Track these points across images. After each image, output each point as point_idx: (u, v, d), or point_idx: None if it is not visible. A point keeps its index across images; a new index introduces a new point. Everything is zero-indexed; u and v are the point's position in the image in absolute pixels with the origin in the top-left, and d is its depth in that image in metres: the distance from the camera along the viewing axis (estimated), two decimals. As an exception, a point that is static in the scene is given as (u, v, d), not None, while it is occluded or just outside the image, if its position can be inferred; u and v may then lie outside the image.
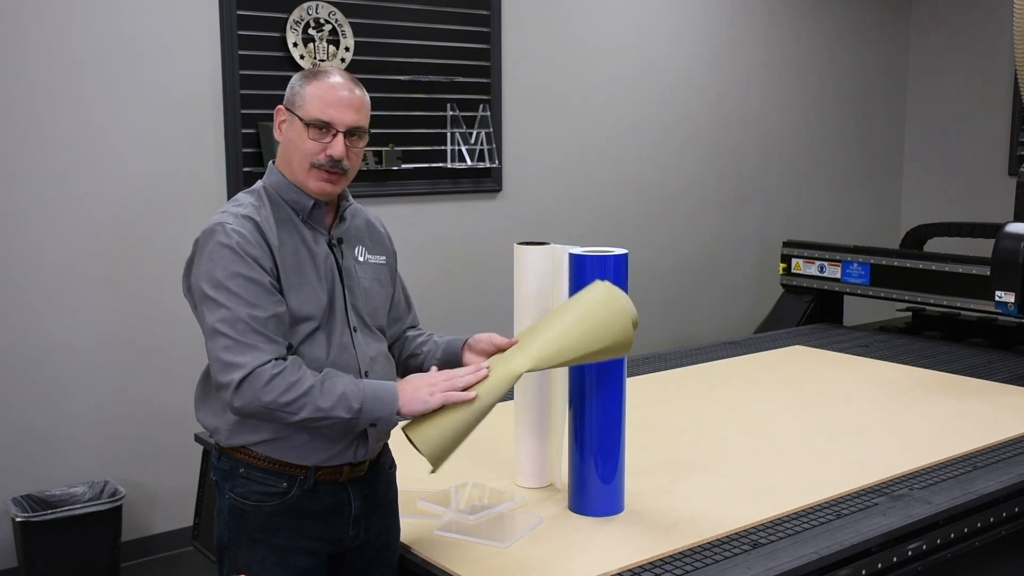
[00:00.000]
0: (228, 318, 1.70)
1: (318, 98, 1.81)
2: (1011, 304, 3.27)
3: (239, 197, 1.86)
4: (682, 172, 5.38)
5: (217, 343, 1.70)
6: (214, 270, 1.72)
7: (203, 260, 1.74)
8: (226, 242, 1.72)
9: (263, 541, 1.81)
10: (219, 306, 1.71)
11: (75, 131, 3.52)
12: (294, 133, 1.84)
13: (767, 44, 5.69)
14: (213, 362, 1.72)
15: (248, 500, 1.81)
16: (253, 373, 1.68)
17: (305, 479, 1.81)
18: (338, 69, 1.90)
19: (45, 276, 3.51)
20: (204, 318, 1.73)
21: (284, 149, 1.86)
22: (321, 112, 1.81)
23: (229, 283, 1.71)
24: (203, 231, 1.78)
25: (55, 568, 3.37)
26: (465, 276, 4.55)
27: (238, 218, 1.76)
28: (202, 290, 1.73)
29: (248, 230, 1.75)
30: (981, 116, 6.15)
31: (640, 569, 1.88)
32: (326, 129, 1.81)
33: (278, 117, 1.87)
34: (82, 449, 3.63)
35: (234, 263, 1.72)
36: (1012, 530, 2.40)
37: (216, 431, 1.84)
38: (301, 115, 1.82)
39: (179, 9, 3.68)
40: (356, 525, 1.88)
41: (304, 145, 1.82)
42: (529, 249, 2.26)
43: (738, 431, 2.76)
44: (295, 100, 1.84)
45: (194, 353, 3.76)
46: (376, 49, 4.15)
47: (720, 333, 5.45)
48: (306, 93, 1.82)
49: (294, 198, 1.85)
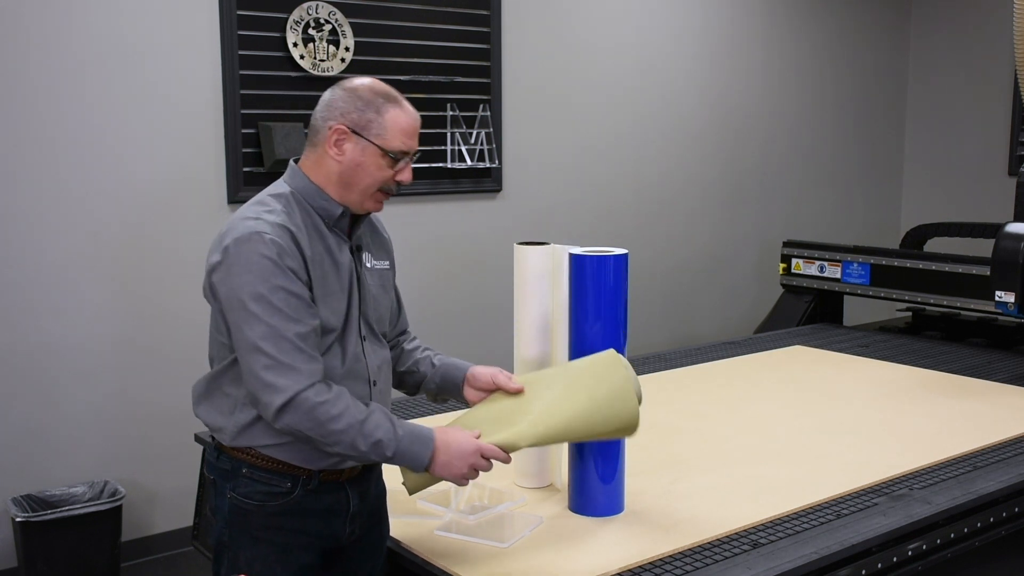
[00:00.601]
0: (270, 335, 1.68)
1: (401, 129, 1.81)
2: (1011, 304, 3.27)
3: (265, 200, 1.81)
4: (682, 172, 5.38)
5: (257, 361, 1.69)
6: (255, 282, 1.69)
7: (241, 270, 1.70)
8: (266, 253, 1.70)
9: (265, 539, 1.82)
10: (260, 321, 1.69)
11: (75, 131, 3.52)
12: (366, 159, 1.80)
13: (767, 44, 5.69)
14: (252, 378, 1.71)
15: (251, 500, 1.81)
16: (295, 399, 1.69)
17: (308, 480, 1.82)
18: (395, 90, 1.87)
19: (45, 276, 3.51)
20: (242, 331, 1.70)
21: (344, 170, 1.81)
22: (403, 143, 1.81)
23: (272, 297, 1.69)
24: (235, 237, 1.72)
25: (55, 568, 3.37)
26: (465, 276, 4.55)
27: (274, 227, 1.73)
28: (242, 302, 1.70)
29: (285, 240, 1.72)
30: (981, 116, 6.15)
31: (640, 569, 1.88)
32: (403, 158, 1.82)
33: (336, 135, 1.80)
34: (82, 449, 3.63)
35: (276, 276, 1.70)
36: (1012, 530, 2.40)
37: (220, 430, 1.83)
38: (380, 144, 1.80)
39: (179, 9, 3.68)
40: (352, 522, 1.90)
41: (379, 173, 1.81)
42: (529, 249, 2.26)
43: (738, 431, 2.76)
44: (370, 126, 1.80)
45: (194, 353, 3.76)
46: (376, 49, 4.15)
47: (720, 333, 5.44)
48: (386, 122, 1.80)
49: (322, 205, 1.82)
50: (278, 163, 3.82)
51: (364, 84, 1.83)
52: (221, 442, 1.85)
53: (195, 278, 3.78)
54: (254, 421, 1.79)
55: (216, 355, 1.85)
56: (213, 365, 1.87)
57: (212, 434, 1.88)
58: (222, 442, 1.84)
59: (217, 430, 1.84)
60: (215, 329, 1.82)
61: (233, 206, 3.84)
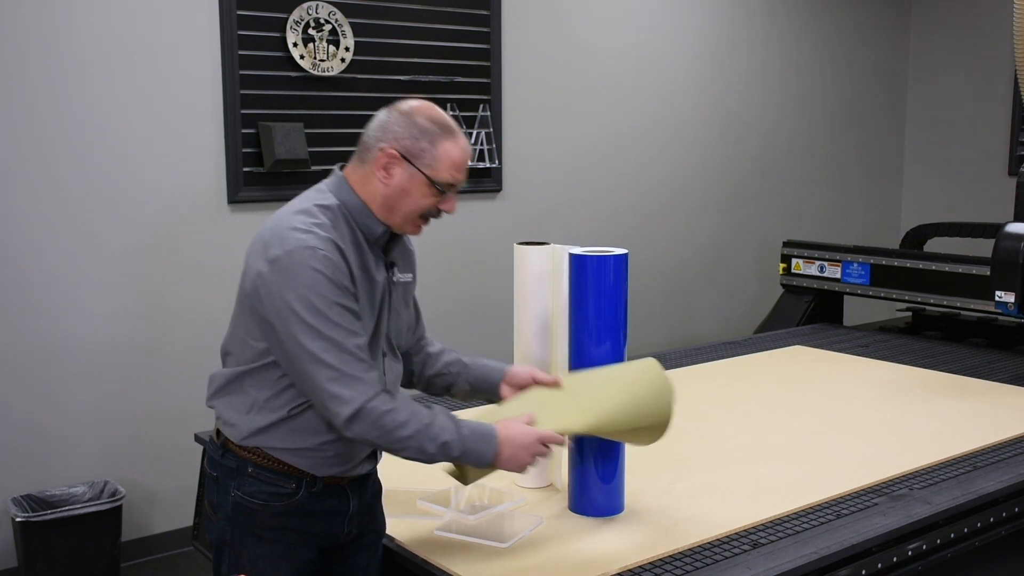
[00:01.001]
0: (332, 348, 1.71)
1: (452, 162, 1.82)
2: (1011, 304, 3.27)
3: (312, 210, 1.80)
4: (682, 172, 5.38)
5: (321, 372, 1.71)
6: (311, 297, 1.71)
7: (296, 283, 1.71)
8: (321, 269, 1.71)
9: (269, 538, 1.84)
10: (320, 334, 1.71)
11: (75, 131, 3.52)
12: (412, 186, 1.82)
13: (767, 43, 5.69)
14: (317, 390, 1.73)
15: (256, 499, 1.83)
16: (364, 409, 1.73)
17: (312, 482, 1.84)
18: (453, 120, 1.88)
19: (45, 276, 3.51)
20: (300, 343, 1.71)
21: (390, 193, 1.82)
22: (452, 176, 1.83)
23: (330, 312, 1.71)
24: (286, 249, 1.72)
25: (55, 568, 3.37)
26: (465, 276, 4.55)
27: (326, 242, 1.74)
28: (298, 315, 1.71)
29: (336, 257, 1.74)
30: (981, 116, 6.15)
31: (640, 569, 1.88)
32: (449, 189, 1.84)
33: (385, 159, 1.80)
34: (82, 449, 3.63)
35: (331, 291, 1.72)
36: (1012, 530, 2.40)
37: (233, 427, 1.84)
38: (430, 174, 1.81)
39: (179, 9, 3.68)
40: (351, 522, 1.92)
41: (423, 201, 1.83)
42: (529, 249, 2.26)
43: (738, 431, 2.76)
44: (422, 155, 1.81)
45: (194, 352, 3.79)
46: (376, 49, 4.15)
47: (720, 333, 5.44)
48: (438, 153, 1.81)
49: (365, 223, 1.84)
50: (278, 163, 3.82)
51: (422, 111, 1.84)
52: (230, 439, 1.85)
53: (195, 278, 3.81)
54: (269, 426, 1.81)
55: (240, 355, 1.84)
56: (228, 362, 1.88)
57: (220, 429, 1.88)
58: (231, 439, 1.84)
59: (229, 425, 1.85)
60: (245, 332, 1.82)
61: (233, 206, 3.84)
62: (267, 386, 1.81)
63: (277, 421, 1.81)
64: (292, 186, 3.91)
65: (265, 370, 1.80)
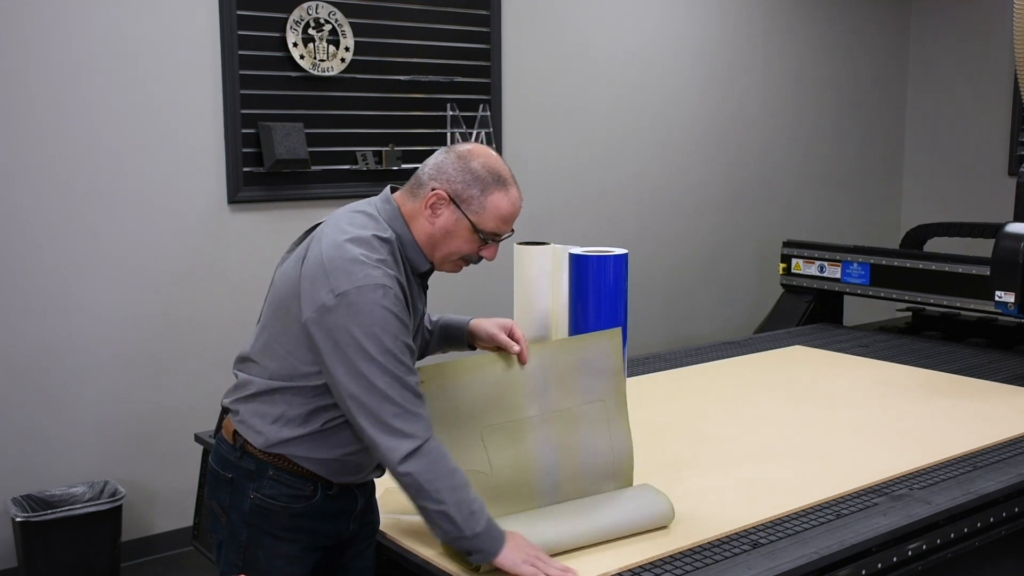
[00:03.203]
0: (397, 384, 1.72)
1: (500, 215, 1.84)
2: (1011, 304, 3.27)
3: (373, 242, 1.77)
4: (682, 172, 5.38)
5: (385, 409, 1.71)
6: (381, 335, 1.71)
7: (366, 320, 1.70)
8: (390, 307, 1.72)
9: (288, 538, 1.87)
10: (386, 371, 1.71)
11: (75, 131, 3.52)
12: (457, 229, 1.83)
13: (767, 44, 5.69)
14: (379, 424, 1.72)
15: (276, 501, 1.84)
16: (425, 446, 1.73)
17: (329, 487, 1.87)
18: (509, 169, 1.90)
19: (44, 276, 3.51)
20: (365, 377, 1.71)
21: (435, 232, 1.83)
22: (497, 227, 1.84)
23: (395, 349, 1.72)
24: (355, 283, 1.70)
25: (55, 568, 3.38)
26: (465, 276, 4.51)
27: (393, 280, 1.74)
28: (366, 351, 1.70)
29: (399, 294, 1.75)
30: (981, 116, 6.15)
31: (640, 569, 1.88)
32: (493, 240, 1.85)
33: (434, 199, 1.81)
34: (82, 449, 3.63)
35: (398, 329, 1.73)
36: (1012, 530, 2.40)
37: (258, 433, 1.84)
38: (475, 222, 1.82)
39: (179, 9, 3.68)
40: (355, 520, 1.96)
41: (466, 246, 1.84)
42: (529, 249, 2.26)
43: (738, 431, 2.76)
44: (470, 202, 1.82)
45: (194, 352, 3.79)
46: (376, 49, 4.15)
47: (720, 333, 5.45)
48: (487, 203, 1.82)
49: (414, 258, 1.85)
50: (278, 163, 3.82)
51: (479, 156, 1.85)
52: (251, 443, 1.85)
53: (195, 278, 3.81)
54: (297, 438, 1.82)
55: (276, 371, 1.83)
56: (252, 370, 1.86)
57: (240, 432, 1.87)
58: (253, 444, 1.84)
59: (255, 432, 1.84)
60: (289, 352, 1.80)
61: (233, 206, 3.84)
62: (303, 404, 1.82)
63: (306, 435, 1.82)
64: (292, 186, 3.91)
65: (305, 390, 1.81)
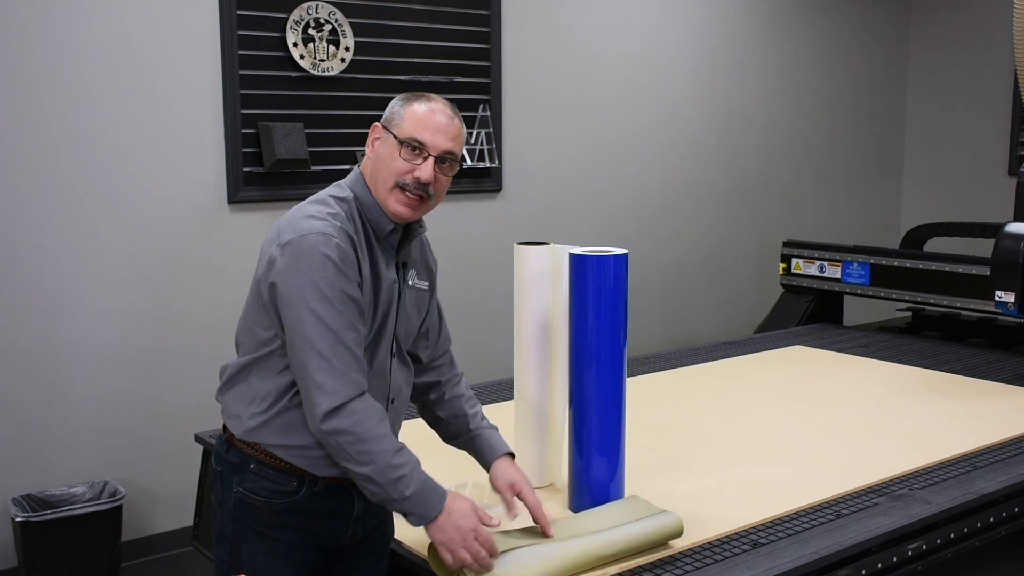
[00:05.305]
0: (328, 337, 1.70)
1: (416, 119, 1.83)
2: (1011, 304, 3.27)
3: (327, 200, 1.82)
4: (683, 172, 5.38)
5: (312, 361, 1.70)
6: (320, 282, 1.70)
7: (306, 267, 1.71)
8: (330, 255, 1.71)
9: (270, 536, 1.83)
10: (320, 322, 1.70)
11: (76, 131, 3.52)
12: (386, 151, 1.84)
13: (767, 43, 5.69)
14: (306, 377, 1.72)
15: (257, 496, 1.83)
16: (346, 406, 1.70)
17: (314, 482, 1.84)
18: (440, 97, 1.90)
19: (45, 276, 3.51)
20: (302, 328, 1.71)
21: (373, 165, 1.85)
22: (416, 132, 1.82)
23: (334, 299, 1.71)
24: (299, 233, 1.73)
25: (55, 568, 3.38)
26: (465, 276, 4.55)
27: (338, 230, 1.74)
28: (304, 300, 1.70)
29: (347, 246, 1.74)
30: (981, 116, 6.15)
31: (640, 569, 1.88)
32: (419, 151, 1.82)
33: (372, 134, 1.87)
34: (82, 449, 3.63)
35: (339, 279, 1.72)
36: (1012, 530, 2.40)
37: (237, 418, 1.84)
38: (396, 133, 1.83)
39: (179, 9, 3.68)
40: (355, 524, 1.91)
41: (394, 163, 1.82)
42: (529, 249, 2.26)
43: (738, 431, 2.76)
44: (392, 119, 1.85)
45: (194, 352, 3.79)
46: (376, 49, 4.15)
47: (720, 333, 5.44)
48: (405, 113, 1.84)
49: (376, 219, 1.84)
50: (278, 163, 3.82)
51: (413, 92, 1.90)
52: (234, 432, 1.85)
53: (195, 278, 3.81)
54: (268, 420, 1.81)
55: (247, 344, 1.85)
56: (239, 352, 1.88)
57: (226, 423, 1.88)
58: (235, 432, 1.85)
59: (234, 418, 1.85)
60: (253, 321, 1.83)
61: (233, 206, 3.83)
62: (268, 376, 1.81)
63: (276, 415, 1.80)
64: (292, 186, 3.91)
65: (268, 359, 1.81)
